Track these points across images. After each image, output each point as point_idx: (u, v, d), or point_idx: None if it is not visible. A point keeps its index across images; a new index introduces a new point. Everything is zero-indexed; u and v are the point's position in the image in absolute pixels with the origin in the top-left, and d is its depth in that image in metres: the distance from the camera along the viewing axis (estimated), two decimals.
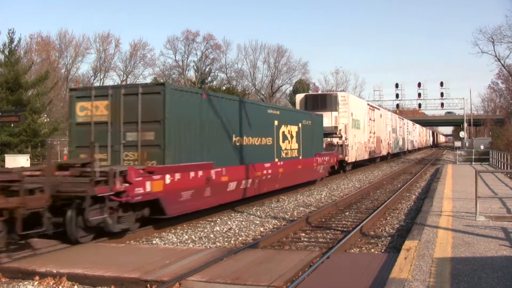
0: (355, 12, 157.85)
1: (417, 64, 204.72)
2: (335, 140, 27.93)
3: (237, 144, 14.87)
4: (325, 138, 26.64)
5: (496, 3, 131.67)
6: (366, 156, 34.31)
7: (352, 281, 7.18)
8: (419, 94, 66.59)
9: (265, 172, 16.47)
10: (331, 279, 7.34)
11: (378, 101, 69.53)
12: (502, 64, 49.51)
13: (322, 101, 28.83)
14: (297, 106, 29.59)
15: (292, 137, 19.43)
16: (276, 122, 17.83)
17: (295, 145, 19.72)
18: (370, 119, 36.01)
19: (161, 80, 54.18)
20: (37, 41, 58.79)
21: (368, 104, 36.89)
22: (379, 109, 42.34)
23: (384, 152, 42.58)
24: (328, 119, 27.36)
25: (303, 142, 20.60)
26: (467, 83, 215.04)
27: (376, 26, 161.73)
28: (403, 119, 57.76)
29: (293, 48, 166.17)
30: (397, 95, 67.51)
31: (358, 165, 33.87)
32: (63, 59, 60.32)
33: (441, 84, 65.23)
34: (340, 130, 28.20)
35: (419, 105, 69.86)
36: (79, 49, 61.02)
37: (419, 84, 66.20)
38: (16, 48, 30.85)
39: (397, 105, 68.90)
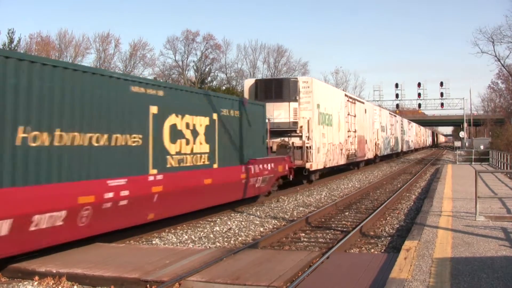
0: (355, 12, 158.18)
1: (417, 64, 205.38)
2: (293, 140, 21.06)
3: (31, 144, 8.12)
4: (281, 138, 21.06)
5: (496, 3, 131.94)
6: (342, 161, 27.31)
7: (352, 281, 7.18)
8: (419, 94, 66.64)
9: (109, 195, 9.50)
10: (331, 279, 7.34)
11: (378, 101, 69.66)
12: (502, 64, 49.51)
13: (277, 88, 21.20)
14: (246, 95, 22.01)
15: (196, 134, 13.00)
16: (154, 109, 11.25)
17: (203, 147, 13.26)
18: (349, 114, 29.31)
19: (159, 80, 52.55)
20: (37, 41, 58.75)
21: (346, 95, 29.77)
22: (363, 102, 35.55)
23: (369, 155, 35.85)
24: (284, 112, 20.88)
25: (222, 143, 14.28)
26: (467, 83, 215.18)
27: (376, 26, 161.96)
28: (395, 116, 52.59)
29: (293, 48, 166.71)
30: (397, 95, 67.55)
31: (333, 171, 27.38)
32: (63, 59, 60.31)
33: (441, 84, 65.25)
34: (301, 127, 21.08)
35: (419, 105, 69.94)
36: (79, 49, 61.02)
37: (419, 84, 66.26)
38: (16, 48, 30.92)
39: (397, 105, 68.95)
